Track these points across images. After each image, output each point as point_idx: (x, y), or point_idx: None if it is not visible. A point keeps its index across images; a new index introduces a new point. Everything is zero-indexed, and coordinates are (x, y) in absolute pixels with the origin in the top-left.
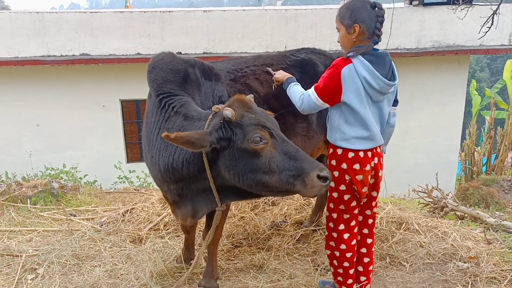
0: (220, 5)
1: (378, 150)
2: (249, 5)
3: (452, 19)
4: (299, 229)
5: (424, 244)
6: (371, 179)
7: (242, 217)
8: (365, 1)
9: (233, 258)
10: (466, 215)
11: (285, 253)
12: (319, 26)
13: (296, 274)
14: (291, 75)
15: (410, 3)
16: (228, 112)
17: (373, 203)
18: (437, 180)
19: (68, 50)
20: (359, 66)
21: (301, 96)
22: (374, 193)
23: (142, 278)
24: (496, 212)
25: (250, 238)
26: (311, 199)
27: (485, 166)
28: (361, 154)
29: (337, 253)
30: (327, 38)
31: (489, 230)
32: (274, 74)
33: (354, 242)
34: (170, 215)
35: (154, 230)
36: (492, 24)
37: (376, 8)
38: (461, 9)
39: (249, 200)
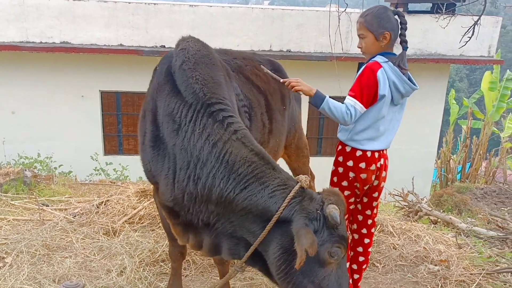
0: (206, 1)
1: (385, 152)
2: (235, 3)
3: (434, 28)
4: None
5: (397, 246)
6: (375, 179)
7: None
8: (388, 8)
9: None
10: (439, 219)
11: None
12: (305, 27)
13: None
14: (315, 88)
15: None
16: (336, 215)
17: (374, 204)
18: (413, 185)
19: (48, 37)
20: (389, 70)
21: (348, 112)
22: (375, 194)
23: (113, 271)
24: (468, 218)
25: None
26: None
27: (460, 174)
28: (369, 154)
29: None
30: (312, 40)
31: (461, 235)
32: (289, 81)
33: None
34: (145, 208)
35: (129, 223)
36: (472, 34)
37: (399, 16)
38: (444, 18)
39: (270, 279)
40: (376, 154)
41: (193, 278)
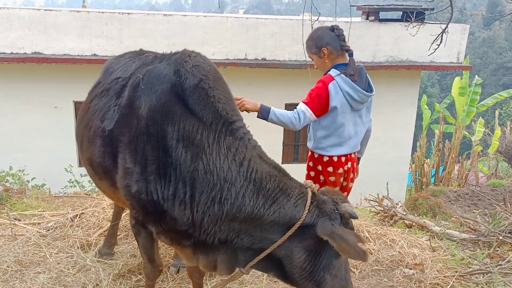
0: (182, 10)
1: (353, 155)
2: (211, 11)
3: (405, 36)
4: None
5: (373, 251)
6: (343, 181)
7: None
8: (324, 27)
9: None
10: (413, 223)
11: None
12: (279, 36)
13: (247, 280)
14: (259, 103)
15: (367, 19)
16: (354, 211)
17: None
18: (388, 190)
19: (20, 48)
20: (341, 82)
21: (296, 116)
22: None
23: (89, 285)
24: (442, 221)
25: None
26: None
27: (434, 177)
28: (335, 158)
29: None
30: (287, 48)
31: (435, 238)
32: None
33: None
34: (121, 220)
35: (104, 236)
36: (441, 41)
37: (335, 30)
38: (413, 26)
39: (284, 282)
40: (343, 159)
41: None
